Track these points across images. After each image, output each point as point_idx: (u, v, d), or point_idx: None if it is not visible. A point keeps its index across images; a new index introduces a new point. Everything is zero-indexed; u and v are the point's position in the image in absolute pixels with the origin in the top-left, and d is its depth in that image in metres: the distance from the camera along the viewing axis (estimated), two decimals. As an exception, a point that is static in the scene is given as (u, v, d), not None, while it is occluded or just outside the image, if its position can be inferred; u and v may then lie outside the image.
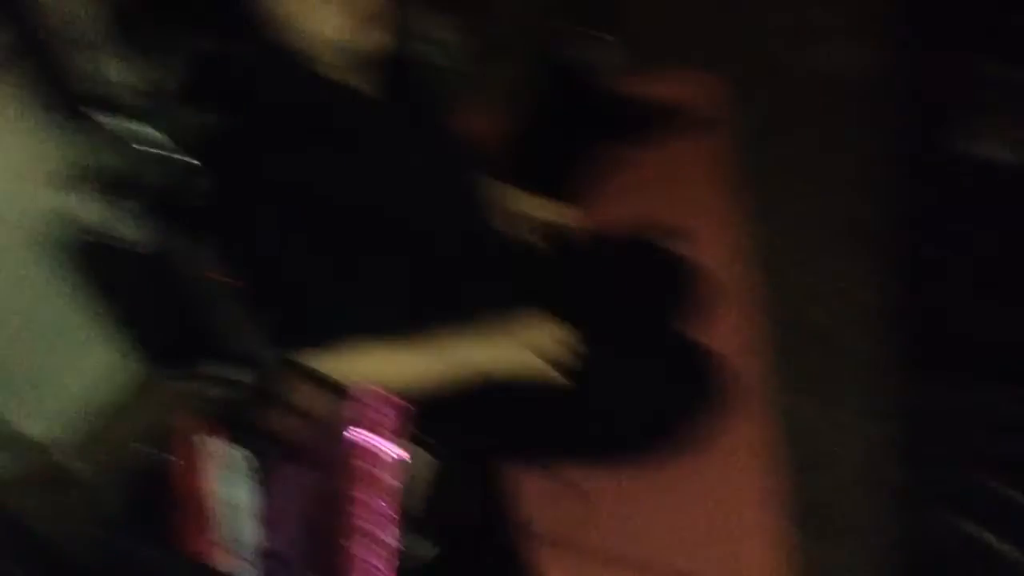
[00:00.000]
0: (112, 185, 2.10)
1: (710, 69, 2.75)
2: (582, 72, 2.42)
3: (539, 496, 1.62)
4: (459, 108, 1.76)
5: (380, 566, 1.12)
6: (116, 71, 2.00)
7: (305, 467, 1.22)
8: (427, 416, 1.25)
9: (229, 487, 1.16)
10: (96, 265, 2.25)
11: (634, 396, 1.59)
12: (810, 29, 2.80)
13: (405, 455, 1.16)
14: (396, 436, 1.16)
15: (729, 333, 1.87)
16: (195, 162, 2.17)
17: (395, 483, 1.15)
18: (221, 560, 1.13)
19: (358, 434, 1.16)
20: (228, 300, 2.16)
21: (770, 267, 2.08)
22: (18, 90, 2.14)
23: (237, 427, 1.31)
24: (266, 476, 1.24)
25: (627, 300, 1.76)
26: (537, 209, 1.85)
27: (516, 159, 2.41)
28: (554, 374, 1.51)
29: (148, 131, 2.15)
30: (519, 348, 1.51)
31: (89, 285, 2.31)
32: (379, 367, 1.43)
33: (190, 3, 1.86)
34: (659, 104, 2.63)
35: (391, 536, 1.12)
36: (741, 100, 2.62)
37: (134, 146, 2.13)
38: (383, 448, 1.14)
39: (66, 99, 2.12)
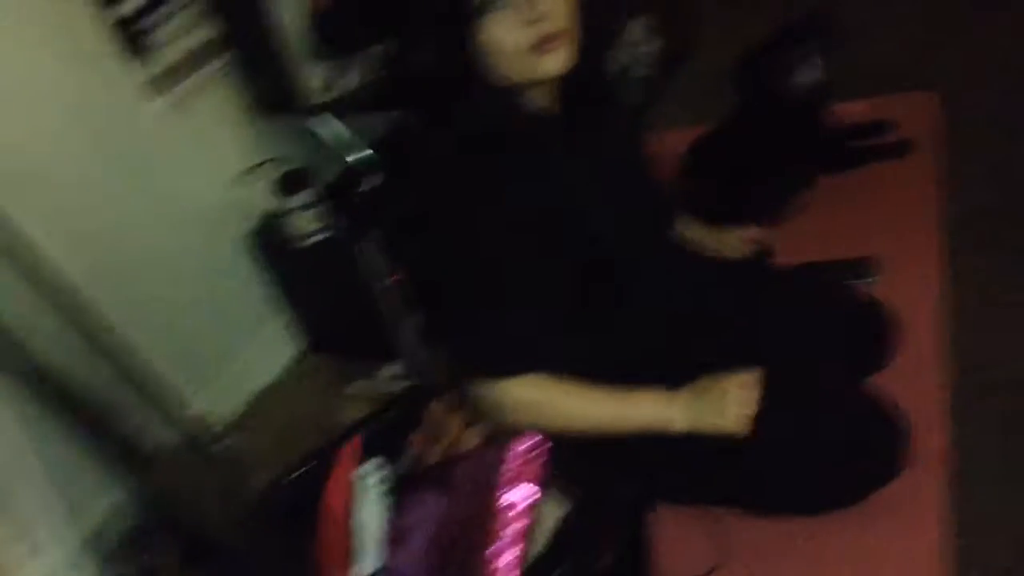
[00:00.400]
0: (293, 179, 2.18)
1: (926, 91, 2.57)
2: (791, 92, 2.30)
3: (678, 533, 1.52)
4: (651, 121, 1.70)
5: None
6: (311, 72, 2.07)
7: (442, 495, 1.20)
8: (570, 456, 1.21)
9: (364, 504, 1.17)
10: (272, 254, 2.35)
11: (807, 449, 1.46)
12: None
13: (541, 498, 1.13)
14: (536, 479, 1.12)
15: (910, 381, 1.70)
16: (374, 159, 2.25)
17: (528, 524, 1.11)
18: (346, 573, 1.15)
19: (499, 472, 1.13)
20: (396, 301, 2.21)
21: (973, 315, 1.89)
22: (225, 90, 2.28)
23: (382, 444, 1.33)
24: (401, 498, 1.24)
25: (812, 344, 1.62)
26: (722, 238, 1.75)
27: (711, 178, 2.32)
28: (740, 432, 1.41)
29: (335, 128, 2.23)
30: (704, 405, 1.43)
31: (264, 272, 2.42)
32: (548, 402, 1.39)
33: (384, 11, 1.90)
34: (869, 127, 2.49)
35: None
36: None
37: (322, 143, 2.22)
38: (521, 490, 1.11)
39: (266, 98, 2.24)
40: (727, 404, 1.41)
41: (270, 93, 2.20)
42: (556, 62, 1.27)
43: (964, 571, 1.44)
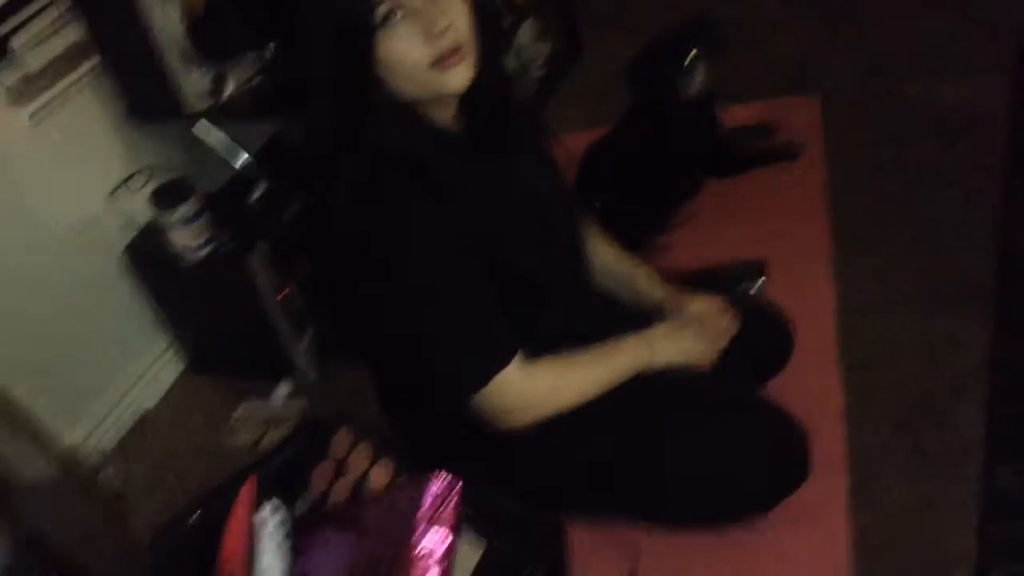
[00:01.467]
0: (172, 191, 2.06)
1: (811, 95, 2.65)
2: (677, 96, 2.32)
3: (588, 549, 1.52)
4: (547, 124, 1.68)
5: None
6: (190, 77, 1.97)
7: (351, 538, 1.14)
8: (481, 494, 1.17)
9: (265, 549, 1.11)
10: (151, 270, 2.22)
11: (709, 460, 1.47)
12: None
13: (456, 541, 1.09)
14: (451, 522, 1.08)
15: (808, 386, 1.74)
16: (259, 168, 2.14)
17: (445, 569, 1.07)
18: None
19: (414, 516, 1.08)
20: (287, 317, 2.13)
21: (857, 315, 1.95)
22: (94, 96, 2.15)
23: (283, 479, 1.26)
24: (305, 539, 1.17)
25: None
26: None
27: (606, 183, 2.32)
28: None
29: (217, 135, 2.13)
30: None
31: (143, 290, 2.28)
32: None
33: (266, 16, 1.81)
34: (756, 130, 2.55)
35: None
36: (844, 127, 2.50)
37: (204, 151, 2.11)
38: (437, 534, 1.07)
39: (143, 104, 2.12)
40: (698, 339, 1.52)
41: (147, 99, 2.07)
42: (459, 77, 1.22)
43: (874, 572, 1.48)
